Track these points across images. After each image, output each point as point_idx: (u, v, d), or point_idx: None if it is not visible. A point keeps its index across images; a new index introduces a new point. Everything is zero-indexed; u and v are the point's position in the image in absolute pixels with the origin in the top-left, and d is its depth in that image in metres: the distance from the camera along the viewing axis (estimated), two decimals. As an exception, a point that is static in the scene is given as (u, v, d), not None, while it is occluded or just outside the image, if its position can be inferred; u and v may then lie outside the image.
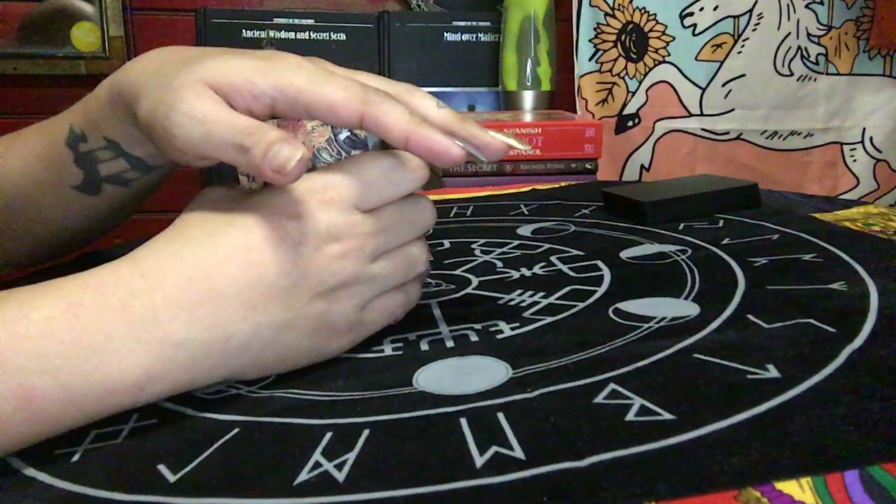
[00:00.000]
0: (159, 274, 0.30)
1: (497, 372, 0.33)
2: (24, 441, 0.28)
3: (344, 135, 0.37)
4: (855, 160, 1.36)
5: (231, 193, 0.35)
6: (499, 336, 0.38)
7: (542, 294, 0.44)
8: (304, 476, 0.26)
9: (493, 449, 0.26)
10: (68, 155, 0.43)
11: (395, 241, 0.35)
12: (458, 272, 0.50)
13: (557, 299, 0.43)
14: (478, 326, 0.39)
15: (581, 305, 0.42)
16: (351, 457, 0.27)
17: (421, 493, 0.24)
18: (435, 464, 0.26)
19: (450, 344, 0.37)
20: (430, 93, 0.37)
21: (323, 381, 0.34)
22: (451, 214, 0.69)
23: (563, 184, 0.84)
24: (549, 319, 0.40)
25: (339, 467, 0.26)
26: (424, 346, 0.37)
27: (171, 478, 0.26)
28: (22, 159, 0.45)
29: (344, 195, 0.33)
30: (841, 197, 1.07)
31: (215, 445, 0.28)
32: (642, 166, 1.31)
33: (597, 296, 0.43)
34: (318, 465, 0.26)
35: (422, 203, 0.36)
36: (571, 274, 0.48)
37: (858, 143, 1.35)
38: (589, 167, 1.01)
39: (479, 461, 0.25)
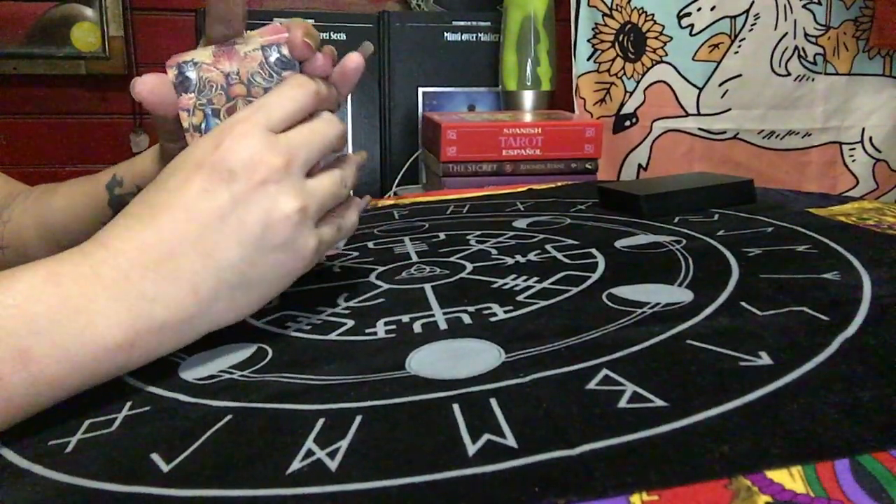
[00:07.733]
0: (118, 242, 0.32)
1: (490, 356, 0.33)
2: (26, 407, 0.29)
3: (274, 56, 0.40)
4: (854, 160, 1.35)
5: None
6: (492, 319, 0.38)
7: (535, 279, 0.44)
8: (296, 465, 0.25)
9: (486, 436, 0.26)
10: (104, 196, 0.52)
11: (315, 151, 0.37)
12: (452, 259, 0.50)
13: (551, 284, 0.43)
14: (471, 309, 0.40)
15: (575, 290, 0.42)
16: (344, 444, 0.26)
17: (413, 482, 0.24)
18: (428, 452, 0.26)
19: (443, 326, 0.37)
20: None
21: (316, 365, 0.34)
22: (448, 212, 0.69)
23: (559, 184, 0.84)
24: (542, 303, 0.40)
25: (332, 455, 0.26)
26: (418, 329, 0.37)
27: (165, 467, 0.26)
28: (69, 197, 0.54)
29: (253, 122, 0.35)
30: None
31: (208, 433, 0.28)
32: (640, 166, 1.31)
33: (590, 281, 0.43)
34: (310, 452, 0.26)
35: (325, 116, 0.39)
36: (566, 261, 0.48)
37: (858, 142, 1.35)
38: (589, 167, 1.01)
39: (472, 449, 0.25)
